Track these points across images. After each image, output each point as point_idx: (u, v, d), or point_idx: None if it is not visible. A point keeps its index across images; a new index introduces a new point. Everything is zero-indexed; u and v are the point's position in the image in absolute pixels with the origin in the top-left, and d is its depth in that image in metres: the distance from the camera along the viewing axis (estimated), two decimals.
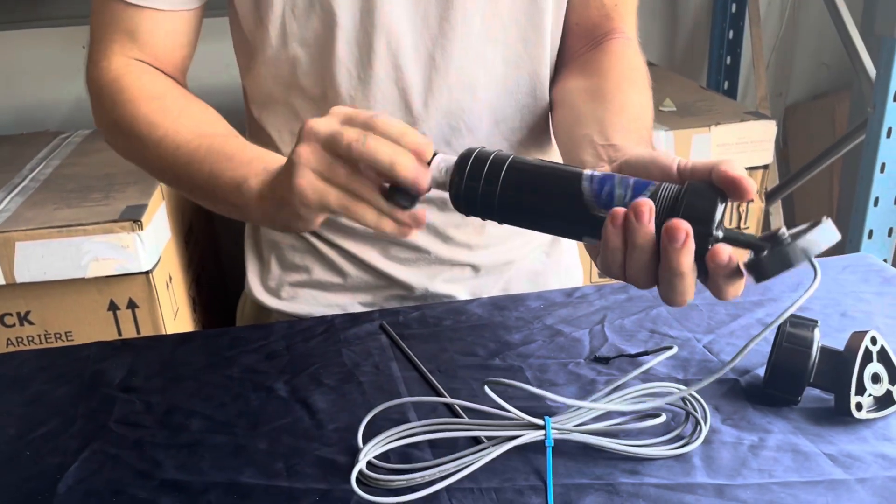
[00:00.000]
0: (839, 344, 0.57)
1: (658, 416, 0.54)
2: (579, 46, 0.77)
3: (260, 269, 0.85)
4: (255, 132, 0.79)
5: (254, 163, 0.59)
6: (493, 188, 0.50)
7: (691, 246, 0.45)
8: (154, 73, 0.71)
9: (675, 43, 2.04)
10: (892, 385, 0.55)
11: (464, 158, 0.52)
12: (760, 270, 0.44)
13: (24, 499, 0.52)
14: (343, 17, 0.68)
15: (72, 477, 0.54)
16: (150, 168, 0.71)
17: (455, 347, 0.67)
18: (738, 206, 1.56)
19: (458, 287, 0.82)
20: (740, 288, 0.46)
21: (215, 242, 1.62)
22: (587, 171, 0.49)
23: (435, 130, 0.74)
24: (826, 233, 0.44)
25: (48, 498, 0.52)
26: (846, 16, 1.64)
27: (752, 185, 0.46)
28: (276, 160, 0.59)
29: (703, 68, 2.04)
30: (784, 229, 0.45)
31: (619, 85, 0.70)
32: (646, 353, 0.64)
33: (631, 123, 0.63)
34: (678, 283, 0.46)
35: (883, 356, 0.55)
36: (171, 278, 1.19)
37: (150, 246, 1.10)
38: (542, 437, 0.52)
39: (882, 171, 1.51)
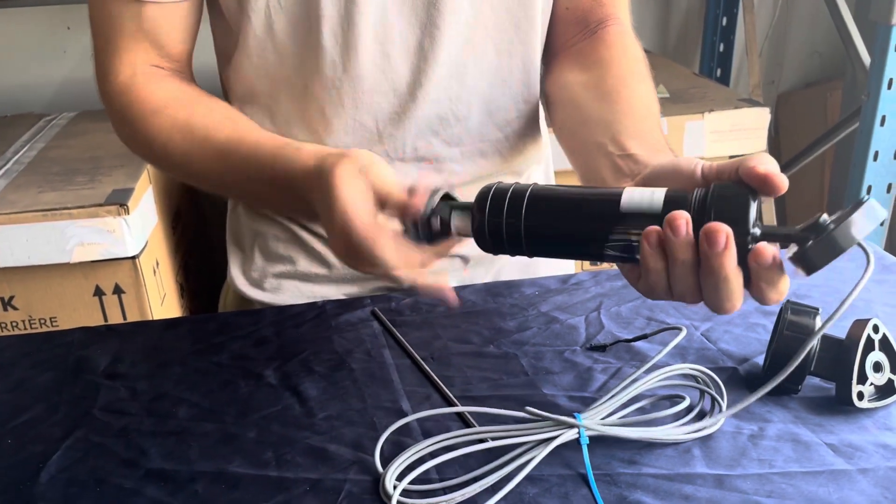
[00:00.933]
0: (839, 332, 0.56)
1: (683, 399, 0.53)
2: (571, 34, 0.75)
3: (242, 260, 0.83)
4: None
5: (282, 183, 0.60)
6: (517, 221, 0.49)
7: (733, 248, 0.43)
8: (160, 80, 0.69)
9: (669, 29, 2.02)
10: (894, 374, 0.54)
11: (482, 196, 0.50)
12: (809, 261, 0.42)
13: (6, 487, 0.50)
14: (328, 5, 0.66)
15: (55, 465, 0.52)
16: (181, 179, 0.72)
17: (448, 334, 0.66)
18: None
19: (448, 278, 0.80)
20: (784, 290, 0.45)
21: (203, 228, 1.60)
22: (618, 190, 0.47)
23: (423, 120, 0.72)
24: (871, 213, 0.42)
25: (30, 487, 0.50)
26: (841, 2, 1.63)
27: (784, 180, 0.43)
28: (298, 188, 0.59)
29: (696, 55, 2.03)
30: (825, 216, 0.43)
31: (623, 80, 0.68)
32: (644, 337, 0.63)
33: (642, 124, 0.61)
34: (724, 287, 0.44)
35: (885, 345, 0.54)
36: (158, 263, 1.18)
37: (137, 231, 1.08)
38: (576, 436, 0.50)
39: (875, 159, 1.51)
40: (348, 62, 0.69)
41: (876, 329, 0.54)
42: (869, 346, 0.54)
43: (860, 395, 0.53)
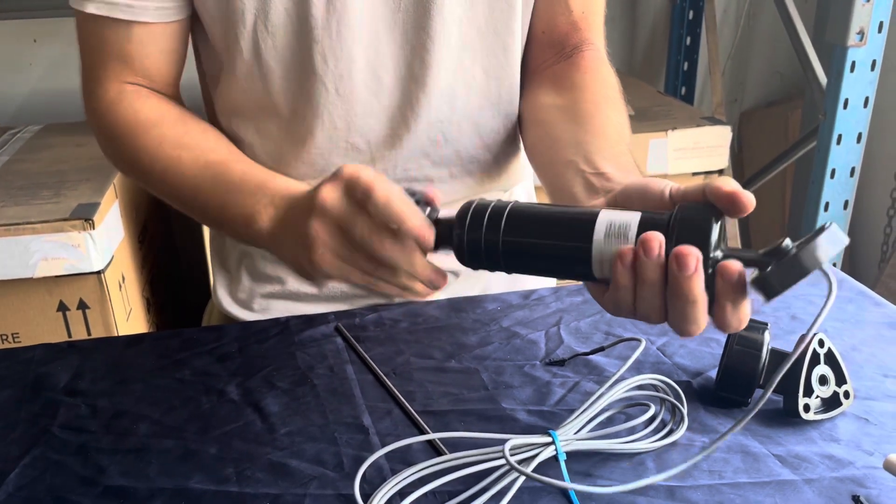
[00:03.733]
0: (788, 346, 0.57)
1: (648, 407, 0.54)
2: (546, 57, 0.76)
3: (228, 281, 0.82)
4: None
5: (258, 196, 0.60)
6: (495, 237, 0.50)
7: (702, 272, 0.43)
8: (148, 98, 0.70)
9: (635, 48, 2.06)
10: (839, 387, 0.56)
11: (463, 211, 0.51)
12: (769, 286, 0.42)
13: None
14: (319, 30, 0.67)
15: (12, 484, 0.52)
16: (163, 198, 0.71)
17: (411, 349, 0.66)
18: None
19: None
20: (745, 318, 0.45)
21: (171, 243, 1.59)
22: (595, 211, 0.48)
23: (414, 142, 0.73)
24: (833, 238, 0.42)
25: None
26: (798, 24, 1.68)
27: (751, 198, 0.44)
28: (282, 191, 0.60)
29: (661, 73, 2.07)
30: (788, 241, 0.43)
31: (596, 105, 0.68)
32: (601, 350, 0.64)
33: (614, 147, 0.62)
34: (691, 311, 0.45)
35: (830, 358, 0.56)
36: (123, 278, 1.17)
37: (103, 245, 1.07)
38: (554, 453, 0.51)
39: (832, 176, 1.55)
40: (341, 86, 0.69)
41: (822, 343, 0.56)
42: (815, 360, 0.55)
43: (806, 408, 0.55)
